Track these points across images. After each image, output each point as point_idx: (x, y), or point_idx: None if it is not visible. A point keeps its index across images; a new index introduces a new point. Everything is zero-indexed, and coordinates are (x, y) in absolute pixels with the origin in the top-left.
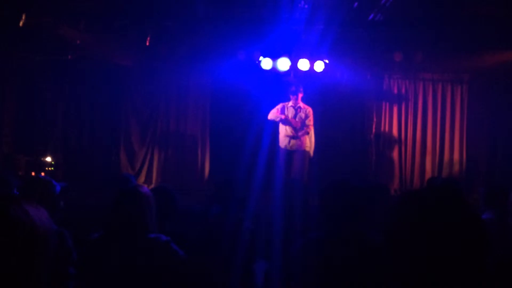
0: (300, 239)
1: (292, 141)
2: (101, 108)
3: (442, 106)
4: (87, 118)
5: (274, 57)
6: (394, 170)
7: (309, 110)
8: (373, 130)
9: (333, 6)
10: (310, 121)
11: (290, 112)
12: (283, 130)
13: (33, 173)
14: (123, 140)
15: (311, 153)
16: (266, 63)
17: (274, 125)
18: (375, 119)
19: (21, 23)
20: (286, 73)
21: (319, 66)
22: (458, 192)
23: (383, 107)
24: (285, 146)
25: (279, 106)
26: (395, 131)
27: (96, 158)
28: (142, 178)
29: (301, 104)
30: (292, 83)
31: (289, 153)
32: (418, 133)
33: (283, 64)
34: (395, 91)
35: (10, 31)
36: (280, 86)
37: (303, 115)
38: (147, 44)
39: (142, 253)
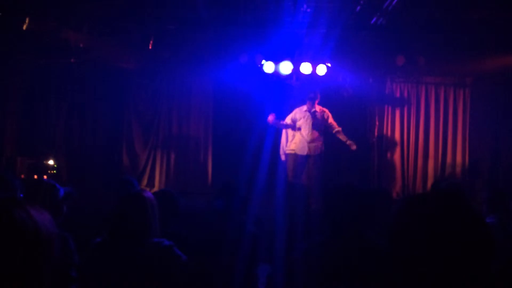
0: (303, 242)
1: (310, 146)
2: (103, 111)
3: (444, 109)
4: (90, 121)
5: (276, 61)
6: (396, 173)
7: (326, 111)
8: (375, 133)
9: (336, 9)
10: (333, 121)
11: (304, 117)
12: (299, 136)
13: (35, 176)
14: (126, 143)
15: None
16: (268, 67)
17: (277, 128)
18: (377, 123)
19: (24, 27)
20: (288, 76)
21: (321, 69)
22: (463, 196)
23: (386, 110)
24: (305, 152)
25: (292, 114)
26: (397, 135)
27: (99, 161)
28: (144, 181)
29: (317, 108)
30: (311, 89)
31: (307, 157)
32: (420, 137)
33: (285, 67)
34: (398, 94)
35: (14, 35)
36: (282, 90)
37: (320, 117)
38: (150, 47)
39: (145, 257)
